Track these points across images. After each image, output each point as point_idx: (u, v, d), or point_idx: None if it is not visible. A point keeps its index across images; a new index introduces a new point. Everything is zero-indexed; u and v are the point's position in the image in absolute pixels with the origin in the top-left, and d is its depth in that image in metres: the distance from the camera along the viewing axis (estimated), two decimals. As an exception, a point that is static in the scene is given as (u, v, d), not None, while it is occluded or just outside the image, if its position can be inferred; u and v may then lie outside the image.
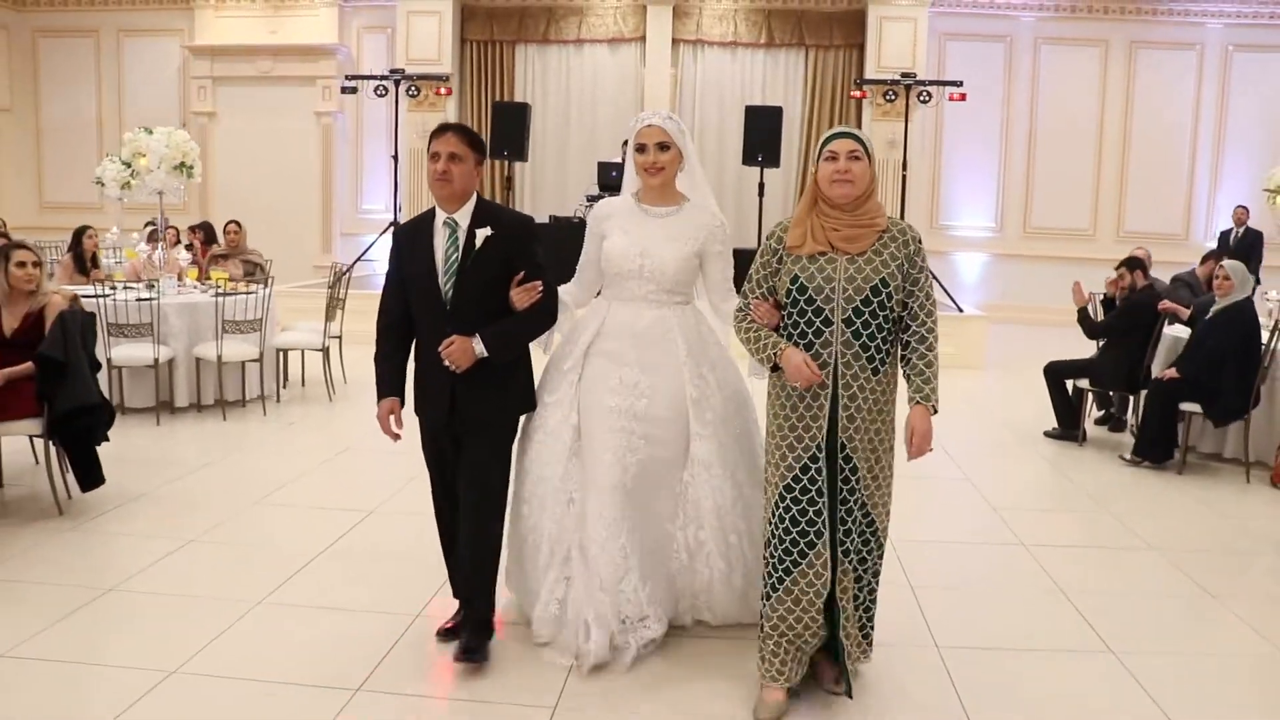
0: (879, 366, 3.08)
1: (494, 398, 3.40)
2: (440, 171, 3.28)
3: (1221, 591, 4.31)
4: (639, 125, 3.50)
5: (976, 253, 14.75)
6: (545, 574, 3.52)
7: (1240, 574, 4.64)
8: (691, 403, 3.50)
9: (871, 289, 3.03)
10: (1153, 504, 5.67)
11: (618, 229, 3.56)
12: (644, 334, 3.52)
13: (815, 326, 3.06)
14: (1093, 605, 4.10)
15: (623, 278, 3.53)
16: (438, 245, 3.36)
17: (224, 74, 15.11)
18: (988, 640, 3.75)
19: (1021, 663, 3.60)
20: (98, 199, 15.45)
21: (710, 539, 3.53)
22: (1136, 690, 3.37)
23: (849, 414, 3.06)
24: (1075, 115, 14.44)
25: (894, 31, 13.71)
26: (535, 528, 3.55)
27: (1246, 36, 14.15)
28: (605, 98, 14.28)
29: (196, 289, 7.59)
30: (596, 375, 3.53)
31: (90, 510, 4.93)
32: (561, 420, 3.55)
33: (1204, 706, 3.29)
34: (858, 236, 3.06)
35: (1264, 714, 3.32)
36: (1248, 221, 11.53)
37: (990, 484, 5.98)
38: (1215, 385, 5.99)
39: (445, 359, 3.26)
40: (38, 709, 3.10)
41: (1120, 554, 4.86)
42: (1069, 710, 3.27)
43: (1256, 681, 3.53)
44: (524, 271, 3.36)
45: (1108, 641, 3.75)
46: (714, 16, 14.25)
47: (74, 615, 3.74)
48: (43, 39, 15.66)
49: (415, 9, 14.19)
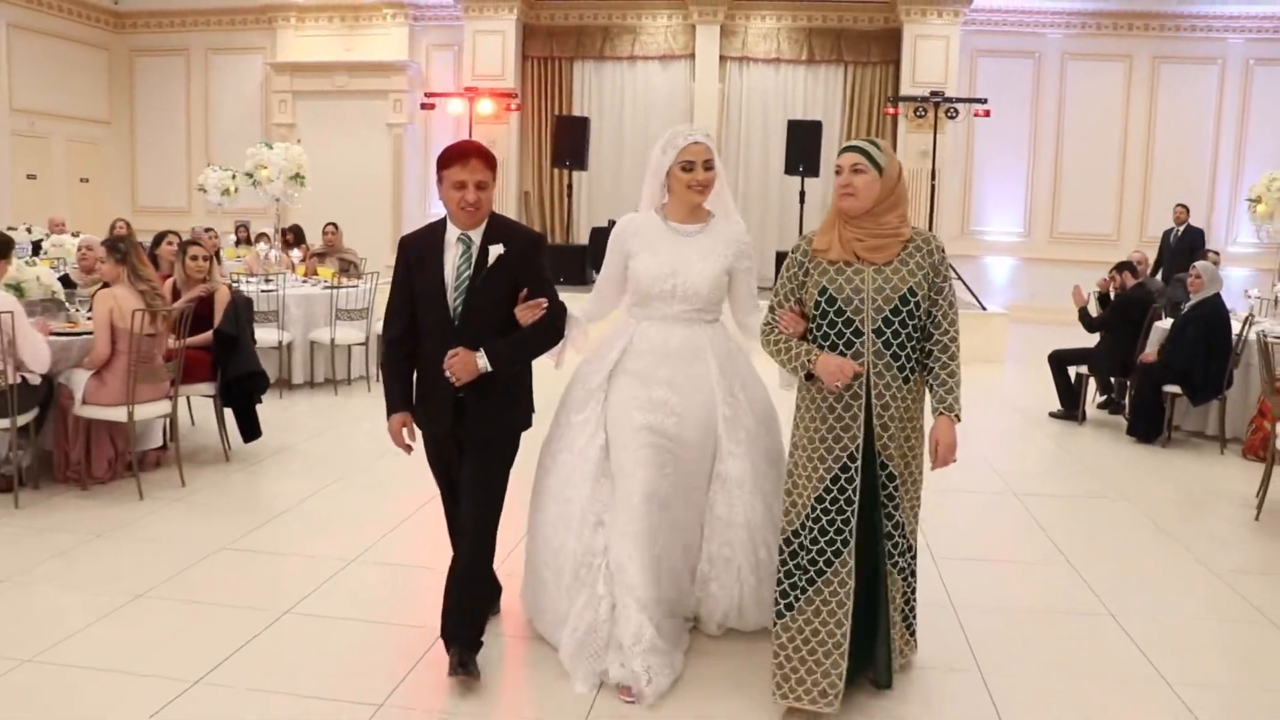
0: (909, 375, 3.12)
1: (499, 411, 3.37)
2: (471, 203, 3.25)
3: (1187, 535, 5.23)
4: (686, 142, 3.43)
5: (1006, 256, 15.57)
6: (573, 597, 3.44)
7: (1197, 521, 5.58)
8: (725, 421, 3.49)
9: (900, 298, 3.06)
10: (1134, 470, 6.61)
11: (645, 248, 3.50)
12: (675, 353, 3.48)
13: (846, 337, 3.08)
14: (1069, 542, 5.09)
15: (653, 298, 3.49)
16: (449, 260, 3.33)
17: (303, 88, 16.16)
18: (980, 552, 4.76)
19: (997, 570, 4.61)
20: (185, 203, 16.98)
21: (739, 554, 3.54)
22: (1085, 592, 4.36)
23: (883, 423, 3.08)
24: (1100, 126, 15.17)
25: (927, 49, 14.60)
26: (560, 550, 3.49)
27: (1266, 50, 14.79)
28: (657, 111, 15.25)
29: (306, 283, 8.74)
30: (624, 394, 3.48)
31: (250, 458, 6.08)
32: (589, 440, 3.51)
33: (1160, 620, 4.26)
34: (881, 247, 3.09)
35: (1206, 620, 4.26)
36: (1188, 220, 11.94)
37: (1000, 455, 6.95)
38: (1193, 370, 6.92)
39: (448, 371, 3.24)
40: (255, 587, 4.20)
41: (1101, 507, 5.81)
42: (1035, 590, 4.27)
43: (1205, 602, 4.43)
44: (529, 288, 3.34)
45: (1064, 551, 4.75)
46: (758, 35, 15.24)
47: (265, 525, 4.88)
48: (138, 58, 16.88)
49: (481, 28, 15.27)
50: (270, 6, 16.09)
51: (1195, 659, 3.71)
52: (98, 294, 5.36)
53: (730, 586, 3.56)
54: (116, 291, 5.28)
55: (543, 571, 3.55)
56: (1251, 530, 5.32)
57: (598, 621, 3.36)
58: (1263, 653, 3.81)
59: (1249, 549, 5.07)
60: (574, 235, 14.64)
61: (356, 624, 3.77)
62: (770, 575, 3.44)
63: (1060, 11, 15.01)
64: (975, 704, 3.31)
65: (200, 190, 12.61)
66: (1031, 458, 7.10)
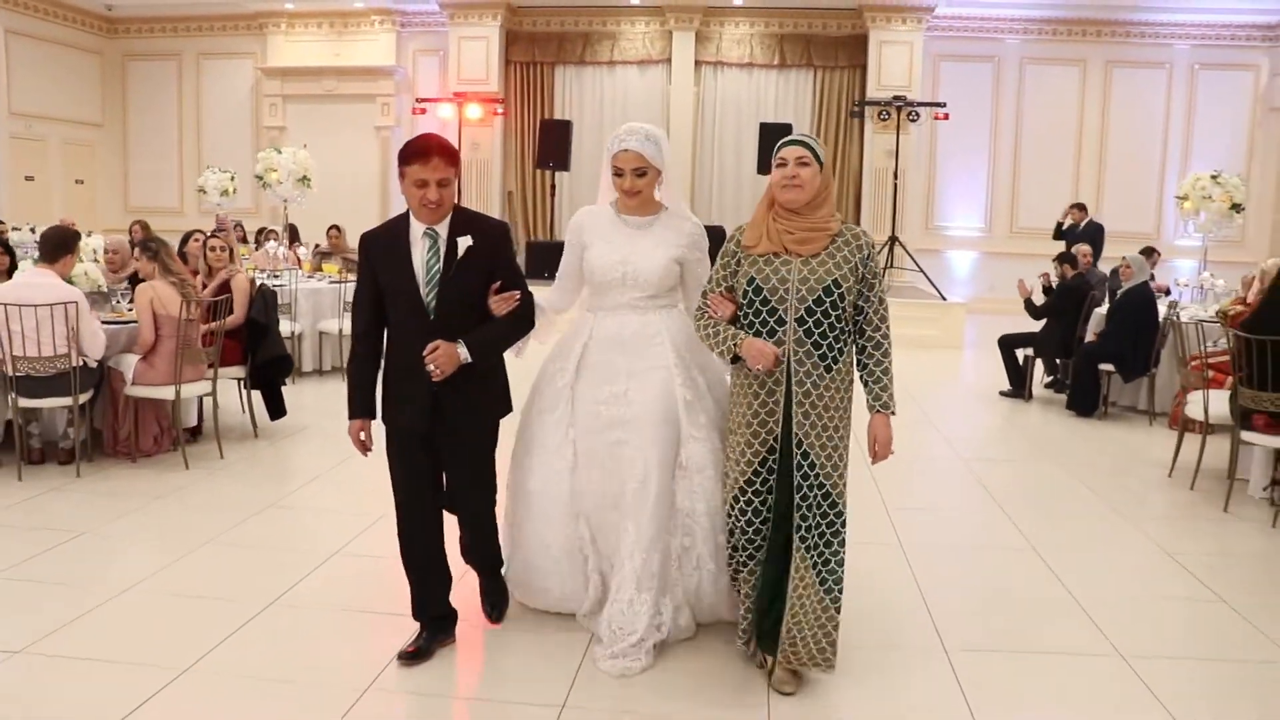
0: (831, 364, 3.18)
1: (476, 400, 3.44)
2: (433, 201, 3.25)
3: (1106, 489, 5.99)
4: (617, 148, 3.49)
5: (968, 250, 16.32)
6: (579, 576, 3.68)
7: (1117, 478, 6.33)
8: (684, 405, 3.54)
9: (824, 289, 3.15)
10: (1070, 438, 7.37)
11: (599, 239, 3.60)
12: (630, 341, 3.58)
13: (769, 325, 3.19)
14: (1005, 495, 5.83)
15: (607, 286, 3.58)
16: (417, 255, 3.34)
17: (293, 92, 16.69)
18: (926, 504, 5.49)
19: (940, 516, 5.35)
20: (178, 203, 17.50)
21: (700, 542, 3.58)
22: (1013, 531, 5.10)
23: (804, 410, 3.17)
24: (1056, 127, 15.89)
25: (892, 54, 15.30)
26: (548, 545, 3.66)
27: (1210, 56, 15.57)
28: (636, 114, 15.69)
29: (312, 279, 9.37)
30: (588, 388, 3.60)
31: (275, 434, 6.73)
32: (562, 438, 3.62)
33: (1074, 554, 4.99)
34: (810, 239, 3.19)
35: (1110, 549, 5.00)
36: (1087, 218, 12.23)
37: (952, 428, 7.70)
38: (1124, 350, 7.68)
39: (430, 364, 3.25)
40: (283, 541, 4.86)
41: (1035, 467, 6.58)
42: (965, 532, 5.00)
43: (1114, 544, 5.16)
44: (502, 279, 3.41)
45: (999, 502, 5.49)
46: (732, 40, 15.93)
47: (302, 487, 5.53)
48: (131, 62, 17.35)
49: (466, 34, 15.85)
50: (261, 13, 16.55)
51: (1097, 578, 4.45)
52: (139, 287, 5.99)
53: (689, 574, 3.61)
54: (154, 284, 5.92)
55: (540, 562, 3.70)
56: (1163, 485, 6.09)
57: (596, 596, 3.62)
58: (1153, 572, 4.56)
59: (1158, 499, 5.85)
60: (557, 232, 15.28)
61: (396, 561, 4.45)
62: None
63: (1018, 19, 15.75)
64: (921, 629, 4.02)
65: (200, 192, 13.19)
66: (980, 430, 7.85)
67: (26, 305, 5.30)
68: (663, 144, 3.51)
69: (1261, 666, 3.65)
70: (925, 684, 3.44)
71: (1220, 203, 9.72)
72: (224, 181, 12.64)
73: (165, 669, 3.35)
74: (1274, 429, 5.23)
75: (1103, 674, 3.54)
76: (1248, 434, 5.39)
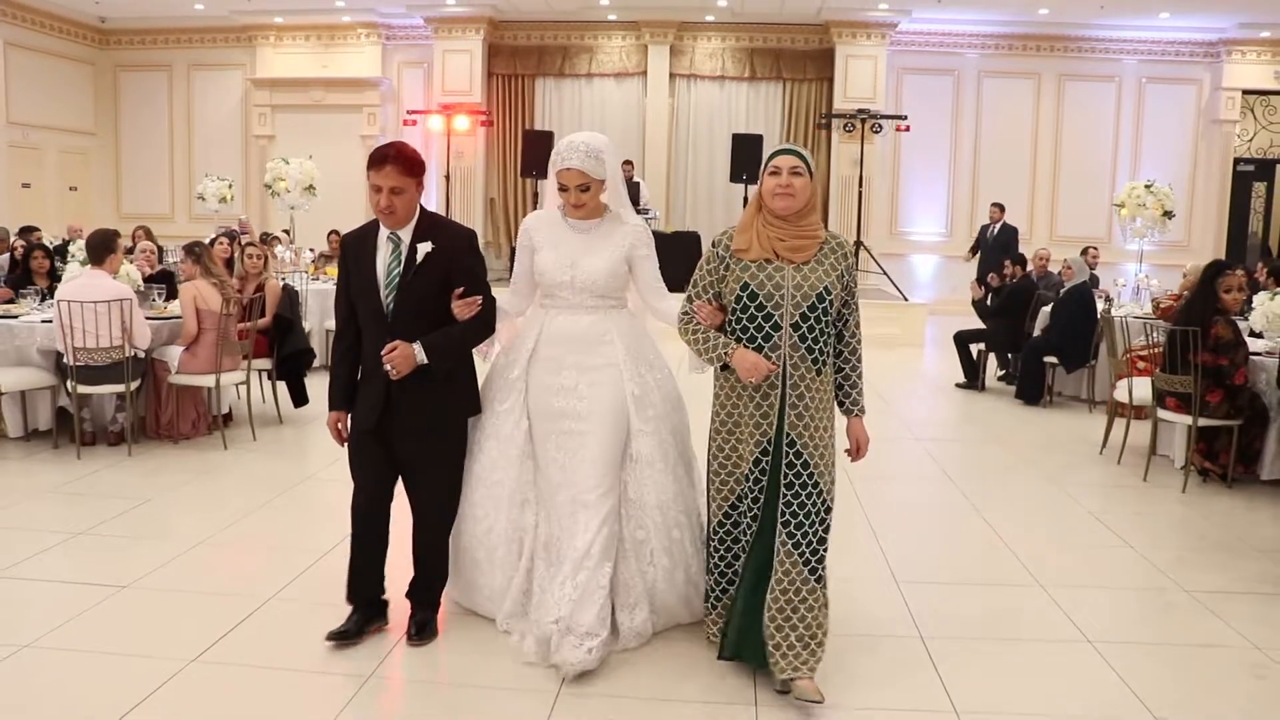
0: (821, 367, 3.27)
1: (432, 402, 3.51)
2: (385, 207, 3.40)
3: (1043, 463, 6.77)
4: (561, 166, 3.55)
5: (930, 254, 17.10)
6: (509, 571, 3.68)
7: (1053, 455, 7.10)
8: (633, 399, 3.62)
9: (817, 295, 3.22)
10: (1014, 423, 8.16)
11: (547, 243, 3.67)
12: (581, 338, 3.65)
13: (765, 330, 3.24)
14: (954, 469, 6.60)
15: (557, 288, 3.65)
16: (380, 258, 3.48)
17: (281, 102, 17.17)
18: (885, 474, 6.24)
19: (896, 486, 6.11)
20: (169, 210, 18.01)
21: (653, 536, 3.62)
22: (958, 496, 5.86)
23: (797, 412, 3.24)
24: (1013, 137, 16.72)
25: (858, 67, 16.09)
26: (490, 530, 3.69)
27: (1157, 70, 16.48)
28: (613, 124, 16.53)
29: (318, 280, 10.02)
30: (540, 381, 3.66)
31: (298, 420, 7.42)
32: (514, 427, 3.68)
33: (1012, 516, 5.75)
34: (801, 247, 3.25)
35: (1042, 512, 5.76)
36: (1003, 219, 13.06)
37: (909, 414, 8.47)
38: (1065, 343, 8.48)
39: (386, 363, 3.38)
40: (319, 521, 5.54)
41: (981, 446, 7.36)
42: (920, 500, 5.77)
43: (1046, 507, 5.94)
44: (463, 284, 3.50)
45: (947, 473, 6.26)
46: (705, 54, 16.67)
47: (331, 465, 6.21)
48: (123, 73, 17.80)
49: (450, 48, 16.44)
50: (250, 25, 17.02)
51: (1028, 532, 5.21)
52: (182, 286, 6.65)
53: (644, 570, 3.63)
54: (197, 283, 6.58)
55: (475, 553, 3.74)
56: (1094, 461, 6.89)
57: (529, 587, 3.63)
58: (1076, 528, 5.33)
59: (1088, 472, 6.62)
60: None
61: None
62: (683, 557, 3.68)
63: (977, 34, 16.59)
64: (872, 561, 4.76)
65: (200, 198, 13.78)
66: (936, 416, 8.64)
67: (86, 302, 5.94)
68: (605, 156, 3.58)
69: (1156, 592, 4.44)
70: (880, 608, 4.17)
71: (1153, 210, 10.60)
72: (222, 189, 13.25)
73: (247, 597, 4.06)
74: (1183, 409, 6.01)
75: (1028, 600, 4.30)
76: (1163, 412, 6.19)
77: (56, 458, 6.22)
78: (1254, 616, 4.13)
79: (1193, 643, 3.91)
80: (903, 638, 3.88)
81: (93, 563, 4.46)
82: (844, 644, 3.69)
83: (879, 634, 3.90)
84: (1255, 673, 3.62)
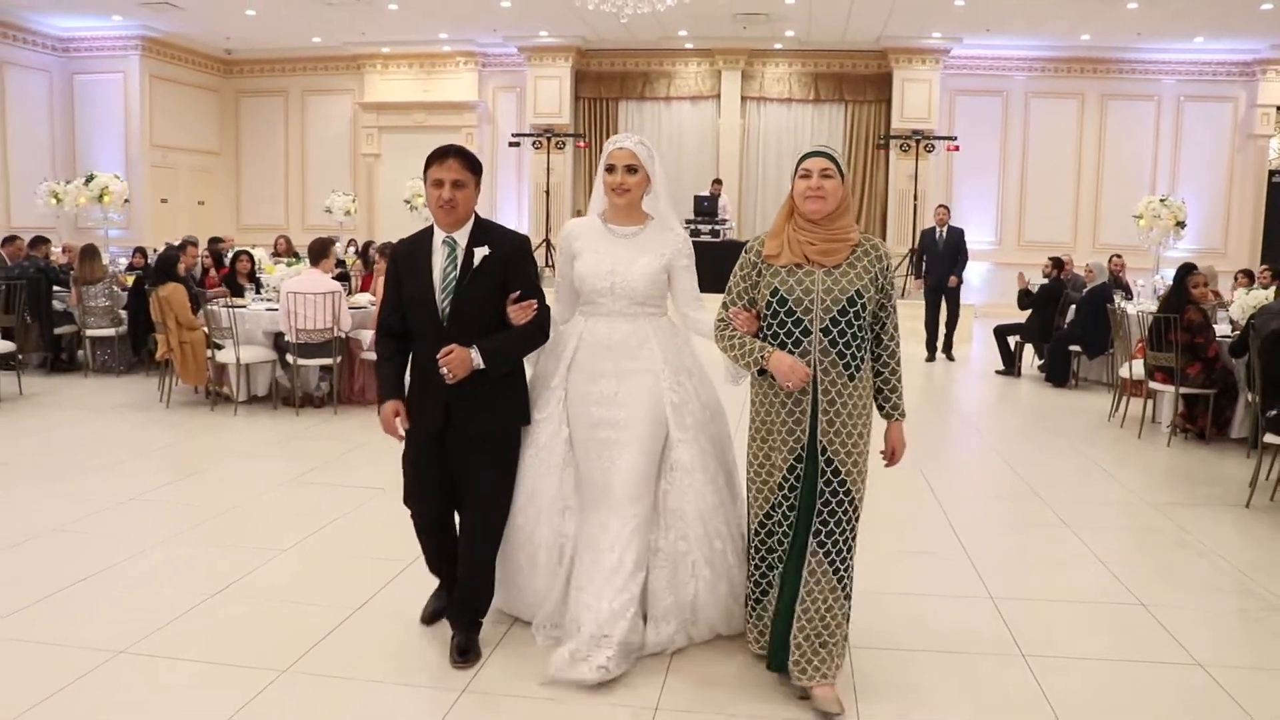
0: (854, 372, 3.18)
1: (489, 410, 3.45)
2: (446, 200, 3.34)
3: (1061, 428, 8.26)
4: (611, 147, 3.54)
5: (981, 262, 18.30)
6: (550, 578, 3.61)
7: (1071, 422, 8.56)
8: (671, 408, 3.55)
9: (848, 300, 3.13)
10: (1042, 401, 9.65)
11: (588, 249, 3.61)
12: (620, 345, 3.57)
13: (795, 336, 3.16)
14: (991, 435, 8.14)
15: (596, 294, 3.58)
16: (436, 263, 3.41)
17: (386, 124, 18.94)
18: (937, 445, 7.77)
19: (948, 451, 7.67)
20: (284, 221, 19.87)
21: (695, 548, 3.54)
22: (996, 456, 7.39)
23: (829, 418, 3.17)
24: (1058, 153, 17.87)
25: (913, 90, 17.49)
26: (531, 538, 3.61)
27: (1195, 89, 17.58)
28: (689, 144, 18.20)
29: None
30: (579, 389, 3.59)
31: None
32: (553, 434, 3.61)
33: (1032, 464, 7.27)
34: (832, 250, 3.17)
35: (1069, 470, 7.26)
36: (949, 221, 12.81)
37: (958, 396, 10.01)
38: (1087, 334, 9.96)
39: (443, 367, 3.29)
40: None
41: (1011, 417, 8.87)
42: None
43: (1060, 457, 7.43)
44: (520, 290, 3.44)
45: (989, 441, 7.79)
46: (773, 78, 18.19)
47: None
48: (244, 98, 19.69)
49: (541, 74, 18.10)
50: (359, 55, 18.76)
51: (1049, 478, 6.70)
52: (377, 280, 8.38)
53: (685, 582, 3.56)
54: (383, 279, 8.30)
55: (517, 558, 3.66)
56: (1102, 426, 8.38)
57: (566, 595, 3.55)
58: (1083, 473, 6.83)
59: (1096, 433, 8.09)
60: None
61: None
62: (725, 568, 3.58)
63: (1024, 58, 17.83)
64: (931, 510, 6.32)
65: (327, 211, 15.56)
66: (976, 397, 10.16)
67: (309, 293, 7.70)
68: (655, 157, 3.60)
69: (1142, 520, 5.95)
70: (944, 561, 5.72)
71: (1167, 221, 11.99)
72: (347, 203, 15.04)
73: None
74: (1168, 380, 7.50)
75: (1041, 524, 5.79)
76: (1153, 384, 7.69)
77: (274, 416, 7.97)
78: (1202, 517, 5.67)
79: (1145, 528, 5.44)
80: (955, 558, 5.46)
81: (315, 500, 6.10)
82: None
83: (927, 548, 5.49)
84: (1179, 540, 5.16)
